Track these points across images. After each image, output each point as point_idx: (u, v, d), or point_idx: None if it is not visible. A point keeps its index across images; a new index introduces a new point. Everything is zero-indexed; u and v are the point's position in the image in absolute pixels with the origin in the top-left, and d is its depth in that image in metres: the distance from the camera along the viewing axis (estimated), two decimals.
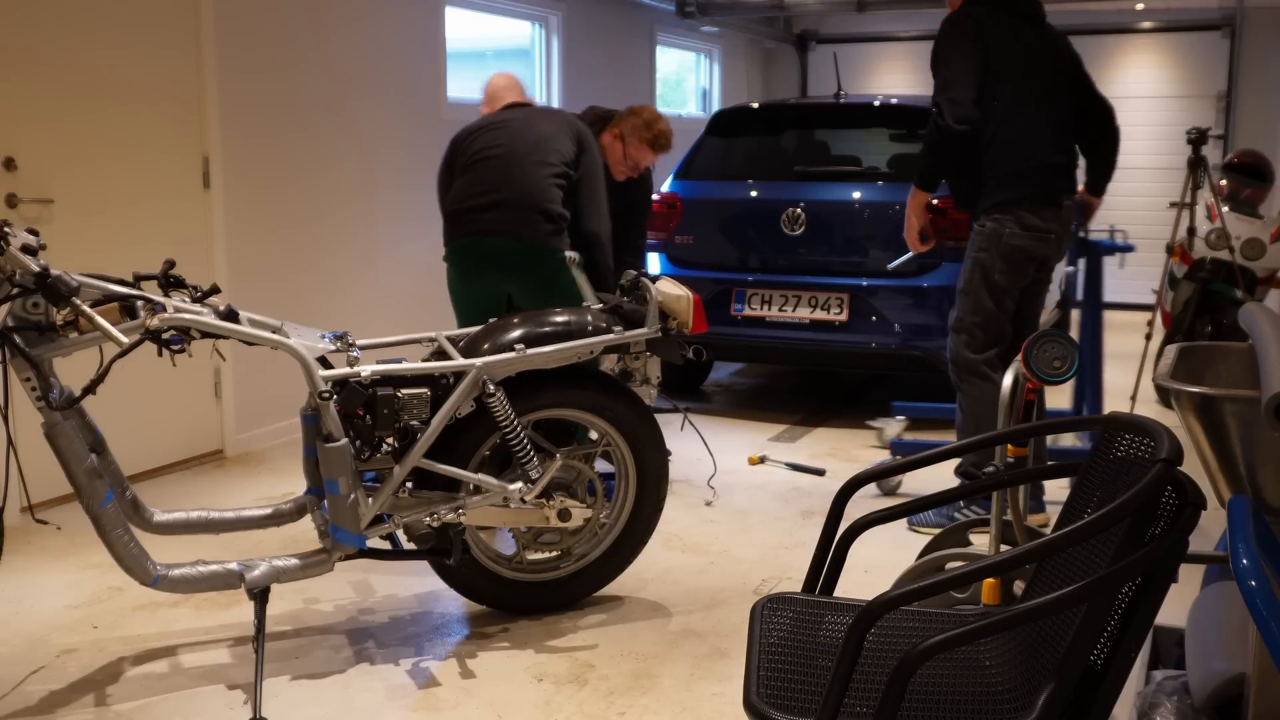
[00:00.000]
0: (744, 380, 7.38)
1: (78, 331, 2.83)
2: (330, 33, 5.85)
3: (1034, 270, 4.32)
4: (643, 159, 4.59)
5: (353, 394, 3.08)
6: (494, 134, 4.24)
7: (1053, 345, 2.68)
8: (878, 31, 11.25)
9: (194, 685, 3.10)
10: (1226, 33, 10.08)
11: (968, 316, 4.28)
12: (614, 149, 4.56)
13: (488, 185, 4.13)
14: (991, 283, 4.22)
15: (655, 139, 4.55)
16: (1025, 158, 4.21)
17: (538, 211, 4.07)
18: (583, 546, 3.59)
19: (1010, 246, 4.20)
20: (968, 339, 4.27)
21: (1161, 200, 10.15)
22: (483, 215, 4.11)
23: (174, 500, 4.70)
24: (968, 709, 1.92)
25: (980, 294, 4.25)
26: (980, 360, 4.25)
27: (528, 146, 4.15)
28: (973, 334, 4.27)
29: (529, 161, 4.12)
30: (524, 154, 4.14)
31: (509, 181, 4.10)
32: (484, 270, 4.18)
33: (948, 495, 2.33)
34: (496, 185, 4.11)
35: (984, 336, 4.26)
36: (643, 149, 4.56)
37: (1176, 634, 2.56)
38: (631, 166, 4.62)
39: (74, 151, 4.60)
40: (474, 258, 4.18)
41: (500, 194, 4.10)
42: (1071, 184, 4.38)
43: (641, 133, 4.54)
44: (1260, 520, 1.76)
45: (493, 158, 4.16)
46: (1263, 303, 3.66)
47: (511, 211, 4.07)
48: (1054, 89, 4.31)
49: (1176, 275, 6.58)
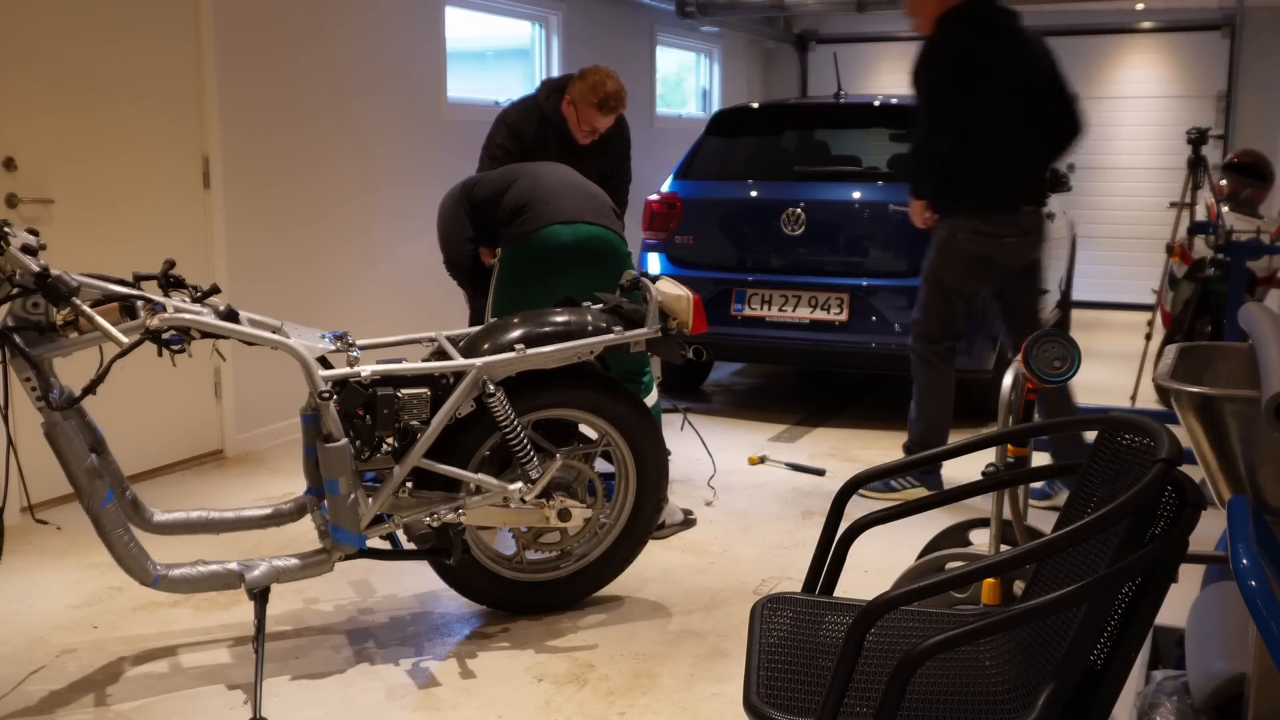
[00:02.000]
0: (744, 380, 7.38)
1: (78, 331, 2.83)
2: (330, 32, 5.85)
3: (1000, 274, 4.65)
4: (596, 122, 4.59)
5: (353, 394, 3.08)
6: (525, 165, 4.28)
7: (1053, 345, 2.68)
8: (878, 31, 11.24)
9: (194, 685, 3.10)
10: (1226, 33, 10.08)
11: (920, 312, 4.74)
12: (569, 115, 4.59)
13: (554, 181, 4.10)
14: (942, 283, 4.65)
15: (603, 101, 4.53)
16: (987, 171, 4.51)
17: (609, 206, 4.12)
18: (583, 546, 3.59)
19: (964, 251, 4.57)
20: (921, 331, 4.73)
21: (1161, 200, 10.16)
22: (559, 205, 4.01)
23: (174, 500, 4.70)
24: (968, 709, 1.92)
25: (932, 293, 4.69)
26: (932, 350, 4.71)
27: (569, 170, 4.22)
28: (925, 328, 4.72)
29: (579, 175, 4.20)
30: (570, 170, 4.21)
31: (574, 181, 4.12)
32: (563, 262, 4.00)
33: (955, 494, 2.33)
34: (565, 182, 4.10)
35: (935, 330, 4.70)
36: (592, 112, 4.56)
37: (1176, 634, 2.56)
38: (588, 131, 4.63)
39: (74, 151, 4.60)
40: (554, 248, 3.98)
41: (572, 188, 4.08)
42: (1038, 194, 4.65)
43: (589, 96, 4.53)
44: (1260, 520, 1.76)
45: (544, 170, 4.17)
46: (1263, 303, 3.67)
47: (588, 201, 4.06)
48: (1027, 105, 4.53)
49: (1176, 275, 6.58)
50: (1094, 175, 10.61)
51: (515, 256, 4.07)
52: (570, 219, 3.99)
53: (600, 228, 4.01)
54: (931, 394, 4.75)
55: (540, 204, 4.03)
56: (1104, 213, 10.63)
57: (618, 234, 4.06)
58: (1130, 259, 10.48)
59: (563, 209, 4.01)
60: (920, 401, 4.78)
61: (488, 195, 4.17)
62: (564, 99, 4.60)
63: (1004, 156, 4.50)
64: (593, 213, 4.03)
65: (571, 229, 3.99)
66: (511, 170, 4.23)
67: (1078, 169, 10.56)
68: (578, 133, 4.62)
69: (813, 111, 6.81)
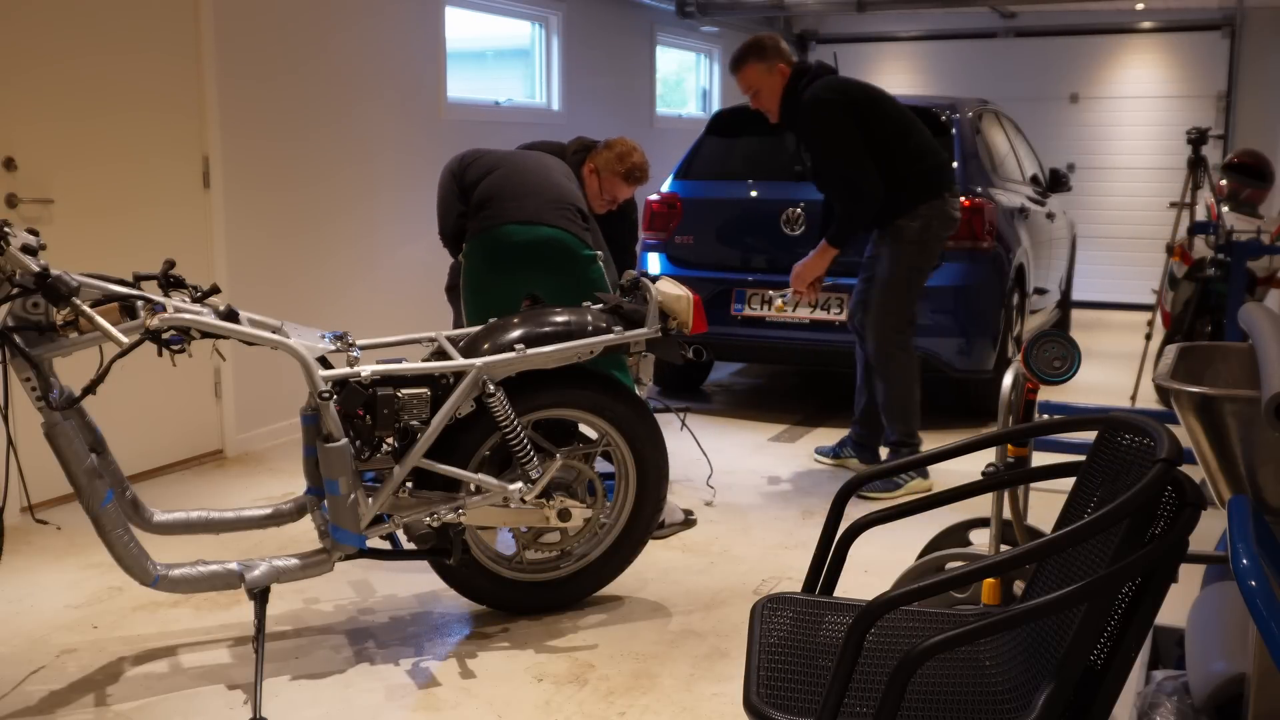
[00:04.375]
0: (744, 380, 7.38)
1: (78, 331, 2.83)
2: (330, 33, 5.85)
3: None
4: (618, 192, 4.55)
5: (353, 394, 3.08)
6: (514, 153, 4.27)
7: (1053, 345, 2.68)
8: (878, 31, 11.25)
9: (194, 685, 3.10)
10: (1226, 33, 10.08)
11: (888, 309, 4.86)
12: (590, 183, 4.50)
13: (525, 177, 4.10)
14: (919, 273, 4.88)
15: (629, 172, 4.49)
16: (922, 163, 4.79)
17: (573, 208, 4.07)
18: (583, 546, 3.59)
19: (938, 235, 4.85)
20: (894, 324, 4.88)
21: (1161, 200, 10.16)
22: (520, 204, 4.03)
23: (174, 500, 4.70)
24: (968, 709, 1.92)
25: (903, 286, 4.85)
26: (904, 339, 4.91)
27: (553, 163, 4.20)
28: (897, 320, 4.89)
29: (557, 173, 4.16)
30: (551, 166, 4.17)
31: (545, 181, 4.10)
32: (517, 261, 4.05)
33: (955, 494, 2.33)
34: (535, 180, 4.09)
35: (906, 319, 4.91)
36: (617, 182, 4.51)
37: (1176, 634, 2.56)
38: (609, 200, 4.56)
39: (74, 151, 4.60)
40: (511, 246, 4.04)
41: (540, 188, 4.07)
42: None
43: (614, 166, 4.48)
44: (1260, 520, 1.76)
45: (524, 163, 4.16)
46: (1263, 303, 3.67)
47: (551, 203, 4.04)
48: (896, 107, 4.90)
49: (1176, 275, 6.59)
50: (1094, 175, 10.61)
51: (475, 251, 4.11)
52: (528, 219, 3.98)
53: (558, 230, 3.98)
54: (908, 382, 4.91)
55: (504, 201, 4.03)
56: (1104, 213, 10.63)
57: (576, 236, 4.01)
58: (1130, 259, 10.48)
59: (523, 208, 4.00)
60: (898, 394, 4.91)
61: (474, 179, 4.20)
62: (586, 166, 4.53)
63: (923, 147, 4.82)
64: (553, 214, 4.00)
65: (528, 230, 3.98)
66: (498, 159, 4.21)
67: (1078, 169, 10.56)
68: (597, 202, 4.52)
69: None
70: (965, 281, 5.75)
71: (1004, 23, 10.74)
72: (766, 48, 4.80)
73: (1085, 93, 10.63)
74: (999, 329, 5.87)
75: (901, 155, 4.76)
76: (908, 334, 4.93)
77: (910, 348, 4.95)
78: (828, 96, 4.71)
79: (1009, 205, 6.24)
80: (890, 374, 4.91)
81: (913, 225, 4.79)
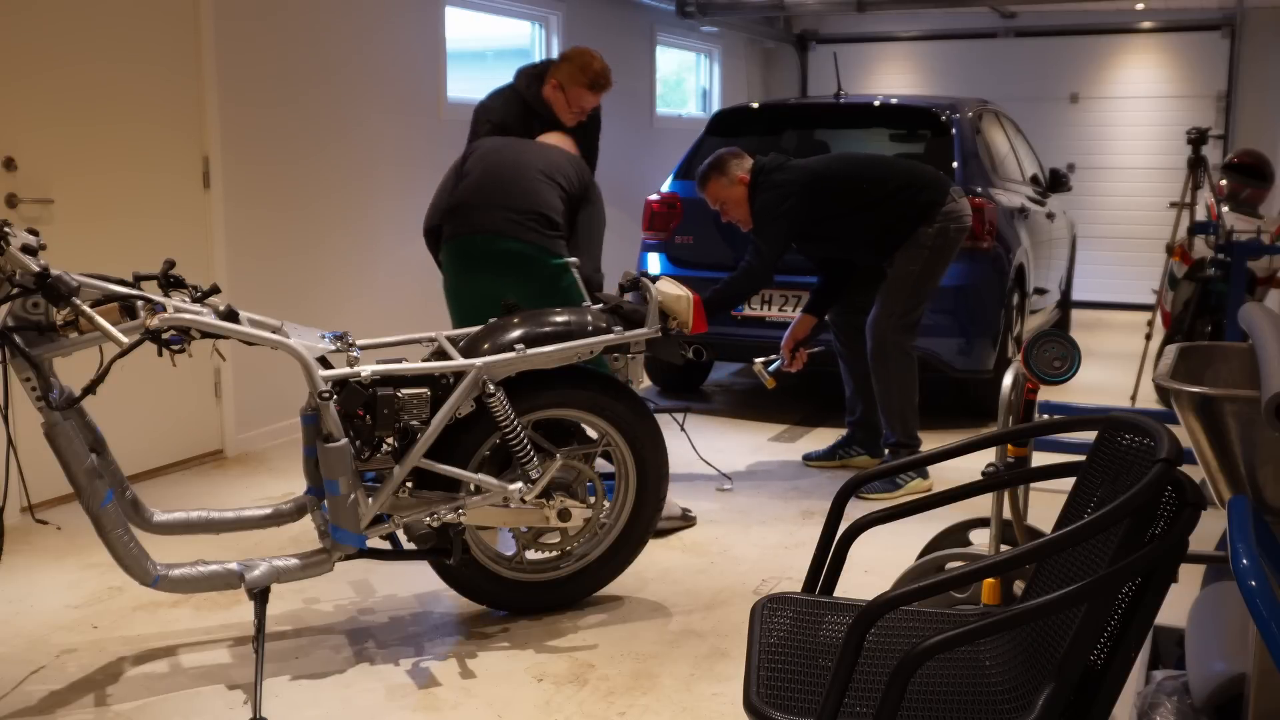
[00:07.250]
0: (744, 380, 7.38)
1: (78, 331, 2.83)
2: (330, 33, 5.85)
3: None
4: (585, 102, 4.56)
5: (353, 394, 3.08)
6: (502, 142, 4.24)
7: (1053, 345, 2.68)
8: (878, 31, 11.25)
9: (194, 685, 3.10)
10: (1226, 33, 10.08)
11: (900, 310, 4.89)
12: (557, 99, 4.54)
13: (496, 184, 4.08)
14: (933, 277, 4.92)
15: (593, 81, 4.51)
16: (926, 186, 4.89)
17: (538, 216, 4.03)
18: (583, 546, 3.59)
19: (955, 241, 4.91)
20: (901, 325, 4.91)
21: (1161, 200, 10.15)
22: (483, 215, 4.01)
23: (174, 500, 4.70)
24: (968, 709, 1.92)
25: (918, 289, 4.90)
26: (906, 341, 4.95)
27: (534, 159, 4.14)
28: (906, 322, 4.92)
29: (533, 170, 4.10)
30: (529, 164, 4.12)
31: (513, 189, 4.05)
32: (485, 270, 4.07)
33: (955, 494, 2.33)
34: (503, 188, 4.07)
35: (912, 321, 4.96)
36: (583, 93, 4.53)
37: (1176, 634, 2.56)
38: (578, 111, 4.59)
39: (74, 151, 4.60)
40: (474, 256, 4.08)
41: (506, 196, 4.04)
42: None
43: (578, 77, 4.50)
44: (1260, 520, 1.76)
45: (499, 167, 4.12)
46: (1263, 303, 3.67)
47: (513, 215, 4.02)
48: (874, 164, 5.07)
49: (1176, 275, 6.58)
50: (1094, 175, 10.61)
51: (447, 256, 4.12)
52: (488, 231, 3.96)
53: (517, 241, 3.93)
54: (905, 384, 4.96)
55: (470, 210, 4.01)
56: (1104, 213, 10.63)
57: (539, 246, 3.95)
58: (1130, 259, 10.48)
59: (484, 220, 3.97)
60: (897, 394, 4.95)
61: (463, 178, 4.18)
62: (548, 84, 4.55)
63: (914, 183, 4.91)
64: (513, 227, 3.94)
65: (489, 241, 3.96)
66: (476, 160, 4.16)
67: (1078, 169, 10.56)
68: (567, 116, 4.55)
69: (813, 111, 6.81)
70: (965, 281, 5.75)
71: (1004, 23, 10.74)
72: (725, 162, 4.97)
73: (1085, 93, 10.63)
74: (999, 329, 5.87)
75: (891, 201, 4.85)
76: (907, 337, 4.94)
77: (909, 350, 4.96)
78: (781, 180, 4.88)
79: (1009, 205, 6.25)
80: (885, 374, 4.93)
81: (929, 231, 4.85)
